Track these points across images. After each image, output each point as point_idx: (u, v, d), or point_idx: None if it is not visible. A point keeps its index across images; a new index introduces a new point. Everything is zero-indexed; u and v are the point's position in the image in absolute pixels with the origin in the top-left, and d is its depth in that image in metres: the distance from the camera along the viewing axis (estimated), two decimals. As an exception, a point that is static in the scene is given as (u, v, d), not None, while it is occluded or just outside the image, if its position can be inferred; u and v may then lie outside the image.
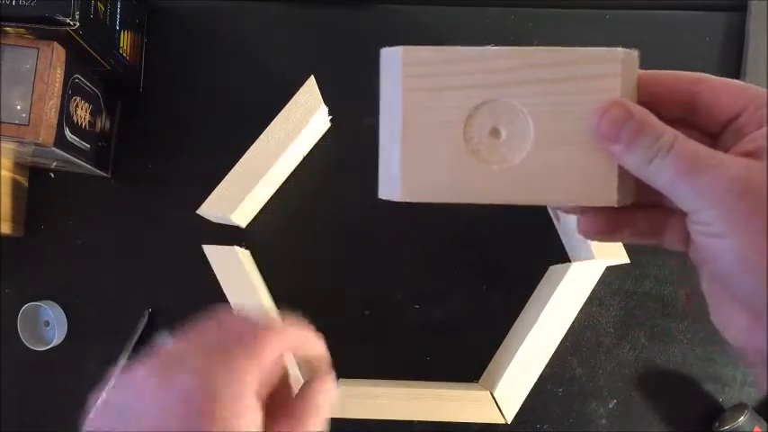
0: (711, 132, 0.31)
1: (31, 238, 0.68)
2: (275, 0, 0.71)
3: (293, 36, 0.70)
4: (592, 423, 0.66)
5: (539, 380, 0.61)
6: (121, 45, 0.64)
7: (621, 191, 0.30)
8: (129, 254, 0.68)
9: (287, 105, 0.61)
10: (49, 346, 0.66)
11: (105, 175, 0.68)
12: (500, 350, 0.66)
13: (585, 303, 0.62)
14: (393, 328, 0.67)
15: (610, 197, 0.30)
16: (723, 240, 0.27)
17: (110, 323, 0.67)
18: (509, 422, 0.61)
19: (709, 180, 0.27)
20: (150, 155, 0.69)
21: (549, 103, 0.30)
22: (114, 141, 0.69)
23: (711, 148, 0.28)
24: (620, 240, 0.33)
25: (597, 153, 0.29)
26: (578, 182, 0.30)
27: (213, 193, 0.61)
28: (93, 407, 0.31)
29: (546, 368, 0.61)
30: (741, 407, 0.64)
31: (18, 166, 0.67)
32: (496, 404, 0.61)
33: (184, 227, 0.66)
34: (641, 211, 0.32)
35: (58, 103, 0.57)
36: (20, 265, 0.68)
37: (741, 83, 0.30)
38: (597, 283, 0.62)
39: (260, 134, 0.61)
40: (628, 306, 0.67)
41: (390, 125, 0.31)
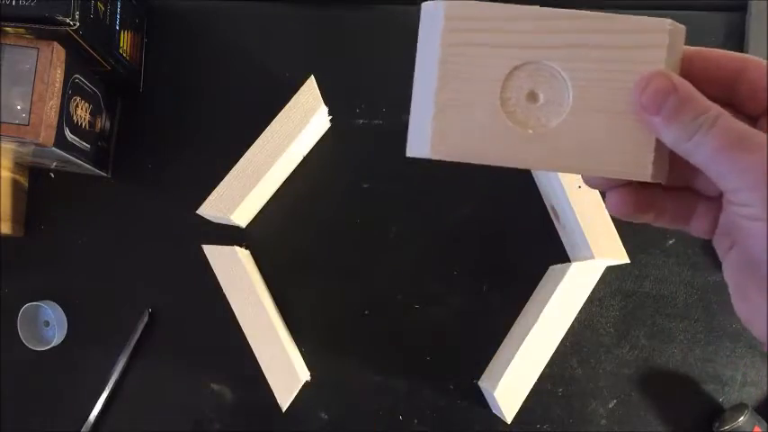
0: (752, 115, 0.30)
1: (31, 238, 0.68)
2: (275, 0, 0.71)
3: (293, 36, 0.70)
4: (592, 423, 0.66)
5: (539, 380, 0.61)
6: (121, 45, 0.64)
7: (657, 166, 0.29)
8: (129, 254, 0.68)
9: (287, 105, 0.61)
10: (49, 346, 0.66)
11: (105, 175, 0.68)
12: (500, 350, 0.66)
13: (585, 303, 0.62)
14: (393, 328, 0.67)
15: (644, 171, 0.29)
16: (762, 223, 0.26)
17: (110, 323, 0.67)
18: (509, 422, 0.61)
19: (753, 159, 0.25)
20: (150, 155, 0.69)
21: (591, 69, 0.29)
22: (114, 141, 0.69)
23: (755, 129, 0.27)
24: (645, 221, 0.32)
25: (635, 125, 0.29)
26: (613, 153, 0.29)
27: (213, 193, 0.61)
28: None
29: (546, 368, 0.61)
30: (741, 407, 0.64)
31: (18, 166, 0.67)
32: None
33: (184, 227, 0.66)
34: (670, 194, 0.31)
35: (58, 103, 0.57)
36: (20, 265, 0.68)
37: None
38: (597, 283, 0.62)
39: (260, 134, 0.61)
40: (628, 306, 0.67)
41: (426, 80, 0.30)
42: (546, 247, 0.67)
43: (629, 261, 0.61)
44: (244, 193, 0.61)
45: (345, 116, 0.68)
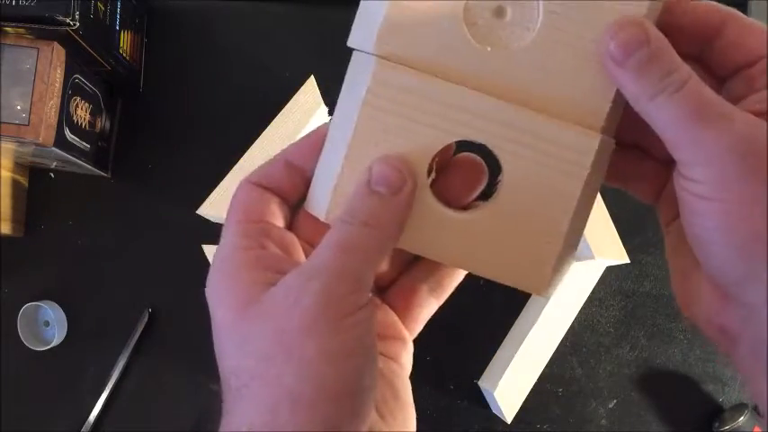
0: (721, 75, 0.28)
1: (31, 238, 0.68)
2: (275, 0, 0.71)
3: (293, 36, 0.70)
4: (592, 423, 0.66)
5: (539, 380, 0.61)
6: (121, 45, 0.64)
7: (610, 118, 0.27)
8: (129, 254, 0.68)
9: (287, 105, 0.61)
10: (49, 346, 0.66)
11: (105, 175, 0.68)
12: (500, 350, 0.66)
13: (585, 303, 0.62)
14: (393, 328, 0.67)
15: (596, 121, 0.27)
16: (710, 203, 0.24)
17: (110, 323, 0.67)
18: (509, 422, 0.61)
19: (712, 132, 0.23)
20: (150, 155, 0.69)
21: None
22: (114, 141, 0.69)
23: (722, 98, 0.25)
24: None
25: (599, 68, 0.26)
26: (567, 92, 0.27)
27: (213, 193, 0.61)
28: None
29: (546, 368, 0.61)
30: (741, 407, 0.64)
31: (18, 166, 0.67)
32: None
33: (184, 227, 0.66)
34: (616, 150, 0.29)
35: (58, 103, 0.57)
36: (20, 265, 0.68)
37: None
38: (597, 283, 0.62)
39: (260, 134, 0.61)
40: (628, 306, 0.67)
41: None
42: (546, 247, 0.67)
43: (629, 261, 0.61)
44: (244, 193, 0.61)
45: (345, 116, 0.68)
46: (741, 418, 0.62)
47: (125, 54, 0.65)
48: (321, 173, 0.29)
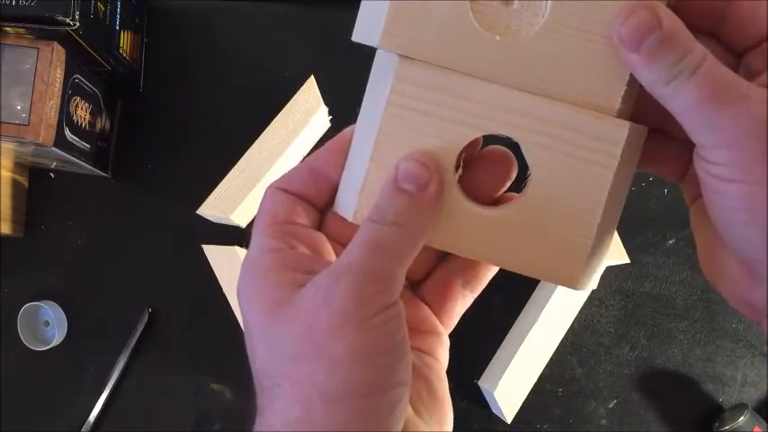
0: (738, 50, 0.27)
1: (31, 238, 0.68)
2: (275, 0, 0.71)
3: (293, 36, 0.70)
4: (592, 423, 0.66)
5: (539, 380, 0.61)
6: (121, 45, 0.64)
7: (625, 102, 0.26)
8: (129, 254, 0.68)
9: (287, 105, 0.61)
10: (49, 346, 0.66)
11: (105, 175, 0.68)
12: (500, 350, 0.66)
13: (585, 303, 0.63)
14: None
15: (611, 105, 0.26)
16: (731, 185, 0.24)
17: (110, 323, 0.67)
18: (509, 422, 0.61)
19: (730, 114, 0.23)
20: (150, 155, 0.69)
21: None
22: (114, 141, 0.69)
23: (738, 76, 0.24)
24: None
25: (612, 53, 0.26)
26: (580, 79, 0.26)
27: (213, 193, 0.61)
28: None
29: (546, 368, 0.61)
30: (741, 407, 0.64)
31: (18, 166, 0.67)
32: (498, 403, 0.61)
33: (184, 227, 0.66)
34: None
35: (58, 103, 0.57)
36: (20, 265, 0.68)
37: None
38: (597, 283, 0.62)
39: (260, 134, 0.61)
40: (628, 306, 0.67)
41: None
42: (546, 247, 0.67)
43: (629, 261, 0.61)
44: (244, 193, 0.61)
45: (345, 116, 0.68)
46: (741, 418, 0.62)
47: (125, 54, 0.65)
48: (348, 174, 0.28)
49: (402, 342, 0.25)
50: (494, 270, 0.32)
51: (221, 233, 0.66)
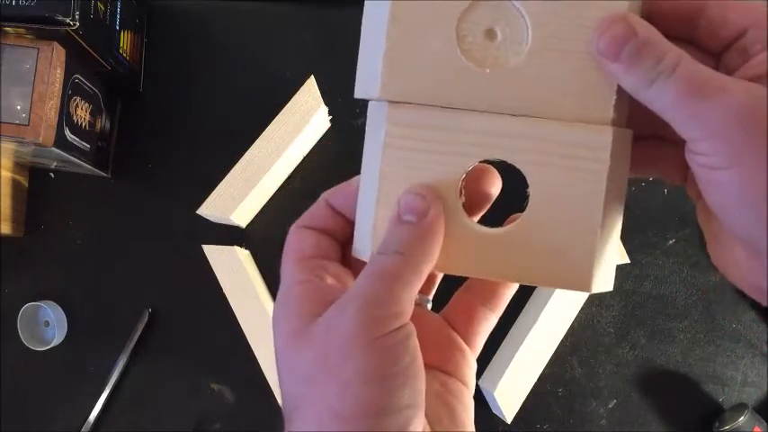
0: (715, 51, 0.28)
1: (31, 238, 0.68)
2: (275, 0, 0.71)
3: (293, 36, 0.70)
4: (592, 423, 0.66)
5: (539, 380, 0.61)
6: (121, 45, 0.64)
7: (618, 110, 0.28)
8: (129, 254, 0.68)
9: (287, 105, 0.61)
10: (49, 346, 0.66)
11: (105, 175, 0.68)
12: (500, 350, 0.66)
13: (585, 303, 0.63)
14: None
15: (605, 115, 0.28)
16: (721, 172, 0.25)
17: (110, 323, 0.67)
18: (509, 422, 0.61)
19: (710, 106, 0.25)
20: (150, 155, 0.69)
21: (551, 5, 0.27)
22: (114, 141, 0.69)
23: (716, 71, 0.26)
24: None
25: (596, 67, 0.27)
26: (572, 96, 0.28)
27: (213, 193, 0.61)
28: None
29: (546, 368, 0.61)
30: (741, 407, 0.64)
31: (18, 166, 0.67)
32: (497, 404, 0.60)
33: (184, 227, 0.66)
34: (636, 141, 0.30)
35: (58, 103, 0.57)
36: (20, 265, 0.68)
37: (750, 1, 0.28)
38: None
39: (260, 134, 0.61)
40: (628, 306, 0.67)
41: (376, 16, 0.28)
42: (546, 247, 0.67)
43: (629, 261, 0.61)
44: (244, 193, 0.61)
45: (345, 116, 0.68)
46: (741, 418, 0.62)
47: (125, 54, 0.65)
48: (360, 219, 0.30)
49: (410, 365, 0.26)
50: (513, 288, 0.34)
51: (221, 233, 0.66)
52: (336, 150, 0.69)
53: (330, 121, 0.68)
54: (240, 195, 0.61)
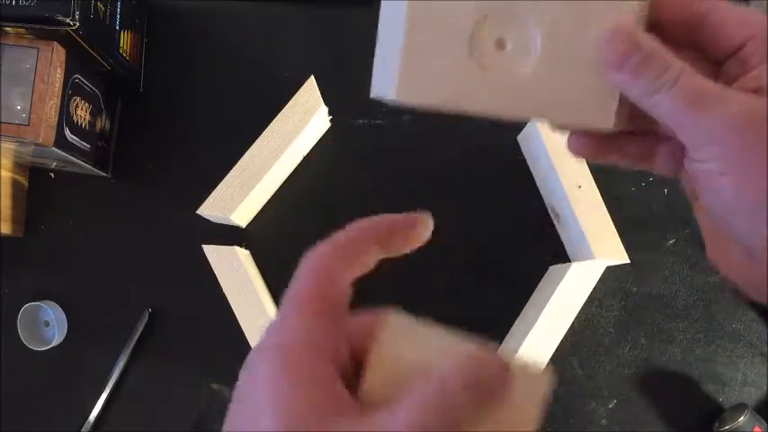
0: (717, 59, 0.30)
1: (31, 238, 0.68)
2: (275, 0, 0.71)
3: (293, 36, 0.70)
4: (592, 423, 0.66)
5: (539, 380, 0.61)
6: (121, 45, 0.64)
7: (619, 116, 0.30)
8: (129, 254, 0.68)
9: (287, 105, 0.61)
10: (49, 346, 0.66)
11: (105, 175, 0.68)
12: (500, 350, 0.66)
13: (585, 303, 0.62)
14: (393, 328, 0.67)
15: (606, 122, 0.29)
16: (720, 178, 0.26)
17: (110, 323, 0.67)
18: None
19: (710, 117, 0.26)
20: (150, 155, 0.69)
21: (559, 16, 0.29)
22: (114, 141, 0.69)
23: (716, 84, 0.27)
24: (609, 162, 0.32)
25: (600, 76, 0.29)
26: (576, 103, 0.29)
27: (213, 193, 0.61)
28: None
29: (546, 368, 0.61)
30: (741, 407, 0.64)
31: (18, 166, 0.67)
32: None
33: (184, 227, 0.66)
34: (632, 137, 0.32)
35: (58, 103, 0.57)
36: (20, 265, 0.68)
37: (750, 11, 0.29)
38: (597, 283, 0.62)
39: (260, 134, 0.61)
40: (628, 306, 0.67)
41: (393, 21, 0.30)
42: (546, 247, 0.67)
43: (629, 261, 0.61)
44: (244, 193, 0.61)
45: (345, 116, 0.68)
46: (741, 418, 0.62)
47: (125, 54, 0.65)
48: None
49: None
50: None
51: (221, 233, 0.66)
52: (336, 150, 0.69)
53: (330, 121, 0.67)
54: (240, 195, 0.61)
